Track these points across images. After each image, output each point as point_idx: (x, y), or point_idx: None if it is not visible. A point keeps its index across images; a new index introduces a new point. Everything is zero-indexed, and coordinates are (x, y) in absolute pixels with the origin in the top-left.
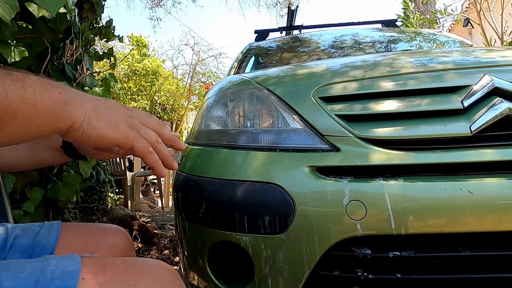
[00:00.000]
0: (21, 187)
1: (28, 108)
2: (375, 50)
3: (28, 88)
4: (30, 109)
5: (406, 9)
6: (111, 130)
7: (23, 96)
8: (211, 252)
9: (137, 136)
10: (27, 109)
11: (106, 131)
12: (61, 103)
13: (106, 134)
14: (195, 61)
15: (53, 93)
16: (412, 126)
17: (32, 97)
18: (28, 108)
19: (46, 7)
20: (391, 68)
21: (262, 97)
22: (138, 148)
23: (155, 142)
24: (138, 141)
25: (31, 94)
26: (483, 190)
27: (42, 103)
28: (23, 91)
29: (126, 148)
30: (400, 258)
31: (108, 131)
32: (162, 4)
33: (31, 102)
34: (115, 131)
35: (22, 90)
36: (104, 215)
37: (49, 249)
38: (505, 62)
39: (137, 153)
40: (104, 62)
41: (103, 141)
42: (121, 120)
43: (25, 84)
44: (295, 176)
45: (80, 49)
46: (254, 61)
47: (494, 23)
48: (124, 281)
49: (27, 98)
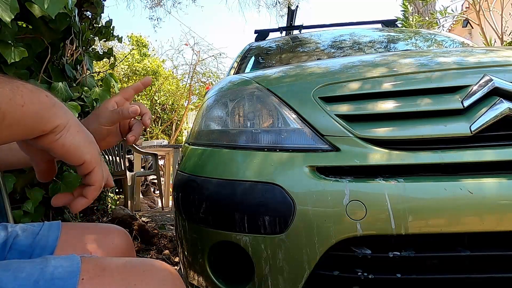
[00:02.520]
0: (21, 187)
1: (16, 110)
2: (375, 50)
3: (15, 90)
4: (17, 110)
5: (405, 11)
6: (85, 146)
7: (11, 98)
8: (211, 252)
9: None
10: (15, 110)
11: (81, 144)
12: (49, 106)
13: (80, 147)
14: (195, 61)
15: (41, 96)
16: (412, 126)
17: (20, 100)
18: (15, 109)
19: (46, 8)
20: (391, 68)
21: (262, 97)
22: (97, 175)
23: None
24: (100, 169)
25: (19, 96)
26: (483, 190)
27: (29, 105)
28: (11, 94)
29: (86, 169)
30: (400, 258)
31: (83, 145)
32: (162, 4)
33: (19, 104)
34: (88, 148)
35: (10, 93)
36: (104, 215)
37: (49, 249)
38: (505, 62)
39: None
40: (104, 62)
41: (74, 153)
42: (94, 143)
43: (13, 87)
44: (295, 176)
45: (80, 49)
46: (254, 61)
47: (494, 23)
48: (124, 281)
49: (15, 100)
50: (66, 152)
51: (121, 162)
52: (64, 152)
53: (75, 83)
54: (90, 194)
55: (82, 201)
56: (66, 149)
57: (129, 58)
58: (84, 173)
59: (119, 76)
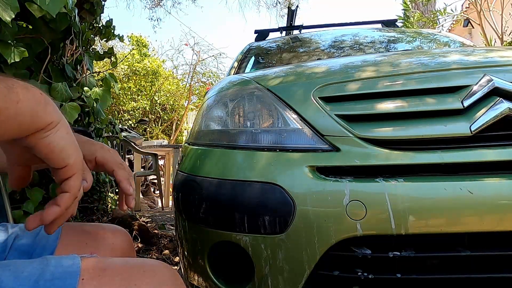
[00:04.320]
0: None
1: (11, 106)
2: (375, 50)
3: (10, 88)
4: (12, 107)
5: (406, 10)
6: (71, 149)
7: (6, 95)
8: (211, 252)
9: (81, 173)
10: (10, 107)
11: (68, 145)
12: (43, 103)
13: (66, 149)
14: (195, 61)
15: (35, 94)
16: (412, 126)
17: (15, 96)
18: (10, 106)
19: (46, 8)
20: (391, 68)
21: (262, 97)
22: (75, 182)
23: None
24: (79, 177)
25: (14, 93)
26: (483, 190)
27: (24, 101)
28: (6, 91)
29: (65, 174)
30: (400, 258)
31: (69, 147)
32: (162, 4)
33: (14, 101)
34: (73, 152)
35: (5, 90)
36: (104, 215)
37: (49, 249)
38: (505, 62)
39: (69, 186)
40: (104, 62)
41: (59, 154)
42: (79, 149)
43: (8, 85)
44: (295, 176)
45: (80, 49)
46: (254, 61)
47: (494, 23)
48: (124, 281)
49: (10, 97)
50: (51, 152)
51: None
52: (49, 152)
53: (75, 83)
54: (63, 201)
55: (54, 209)
56: (51, 148)
57: (129, 58)
58: (62, 178)
59: (119, 76)
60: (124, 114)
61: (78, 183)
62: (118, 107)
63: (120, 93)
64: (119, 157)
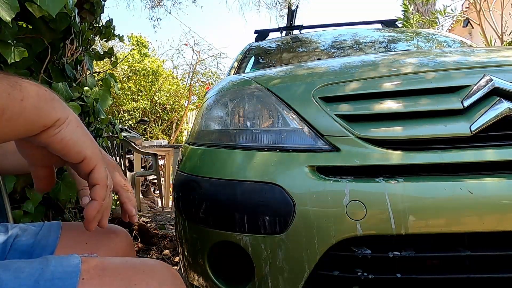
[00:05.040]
0: (21, 187)
1: (15, 104)
2: (375, 50)
3: (14, 85)
4: (16, 104)
5: (405, 11)
6: (85, 141)
7: (10, 93)
8: (211, 252)
9: (103, 162)
10: (14, 105)
11: (81, 139)
12: (48, 99)
13: (80, 141)
14: (195, 61)
15: (39, 90)
16: (412, 126)
17: (19, 94)
18: (14, 104)
19: (46, 8)
20: (391, 68)
21: (262, 97)
22: (101, 173)
23: (106, 179)
24: (102, 167)
25: (17, 91)
26: (483, 190)
27: (28, 98)
28: (9, 89)
29: (87, 167)
30: (400, 258)
31: (83, 140)
32: (162, 4)
33: (17, 98)
34: (88, 142)
35: (9, 87)
36: None
37: (49, 249)
38: (505, 62)
39: (96, 178)
40: (104, 62)
41: (74, 148)
42: (94, 140)
43: (11, 82)
44: (295, 176)
45: (80, 49)
46: (254, 61)
47: (494, 23)
48: (124, 281)
49: (14, 94)
50: (65, 147)
51: (121, 162)
52: (63, 147)
53: (75, 83)
54: (97, 194)
55: (93, 204)
56: (65, 143)
57: (129, 58)
58: (86, 171)
59: (119, 76)
60: (124, 114)
61: (103, 173)
62: (118, 107)
63: (120, 93)
64: (122, 175)
